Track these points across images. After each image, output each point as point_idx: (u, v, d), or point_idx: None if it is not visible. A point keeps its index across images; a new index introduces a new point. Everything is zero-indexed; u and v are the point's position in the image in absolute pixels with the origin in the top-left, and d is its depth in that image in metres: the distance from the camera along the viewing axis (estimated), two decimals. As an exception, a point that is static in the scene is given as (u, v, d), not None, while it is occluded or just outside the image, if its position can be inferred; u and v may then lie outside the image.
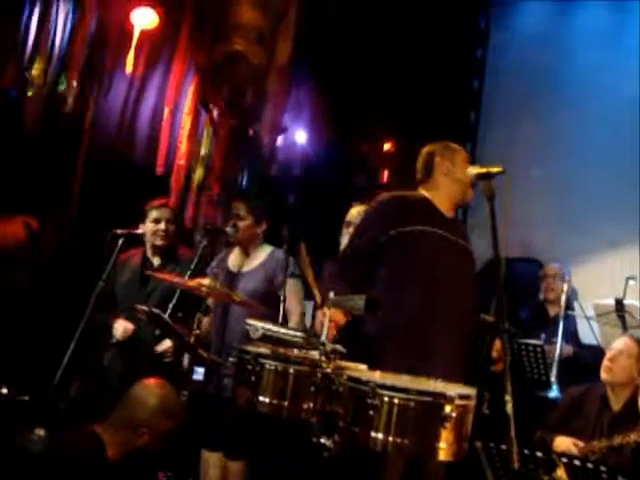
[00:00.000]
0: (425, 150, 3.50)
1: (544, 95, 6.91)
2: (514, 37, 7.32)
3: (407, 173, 6.94)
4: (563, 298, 5.21)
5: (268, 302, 4.04)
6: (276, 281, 4.20)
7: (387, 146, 7.35)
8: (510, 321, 2.68)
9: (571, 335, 5.23)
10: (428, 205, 3.34)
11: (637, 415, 3.88)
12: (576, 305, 5.23)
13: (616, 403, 4.04)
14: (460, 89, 7.23)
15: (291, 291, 4.16)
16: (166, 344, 4.22)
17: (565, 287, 5.28)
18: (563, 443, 3.91)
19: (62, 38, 5.91)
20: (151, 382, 3.20)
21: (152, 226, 4.45)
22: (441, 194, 3.36)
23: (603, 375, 4.07)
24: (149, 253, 4.52)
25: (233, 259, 4.42)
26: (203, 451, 4.20)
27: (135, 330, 4.29)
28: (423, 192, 3.42)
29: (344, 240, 4.15)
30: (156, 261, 4.50)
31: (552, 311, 5.62)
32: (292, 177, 7.01)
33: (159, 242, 4.45)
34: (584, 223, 6.41)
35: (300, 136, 6.82)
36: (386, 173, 7.44)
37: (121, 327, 4.28)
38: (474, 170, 3.10)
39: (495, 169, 2.93)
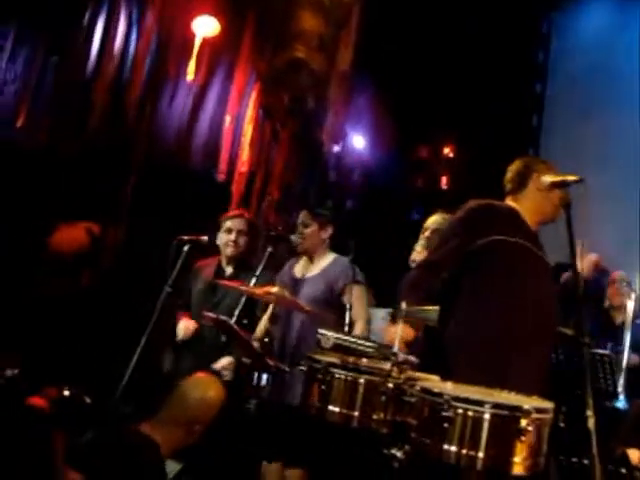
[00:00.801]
0: (520, 162, 3.35)
1: (609, 100, 6.78)
2: (577, 41, 7.20)
3: (467, 178, 6.94)
4: (630, 306, 5.09)
5: (329, 308, 4.04)
6: (336, 287, 4.17)
7: (447, 150, 7.28)
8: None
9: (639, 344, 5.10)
10: (516, 217, 3.24)
11: None
12: (646, 313, 5.11)
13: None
14: (522, 93, 7.13)
15: (355, 297, 4.13)
16: (223, 361, 4.23)
17: (633, 295, 5.16)
18: (635, 456, 3.80)
19: (125, 48, 6.01)
20: (198, 378, 3.24)
21: (224, 236, 4.51)
22: (530, 208, 3.25)
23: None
24: (223, 262, 4.57)
25: (299, 266, 4.42)
26: (263, 463, 4.18)
27: (198, 330, 4.32)
28: (511, 203, 3.31)
29: (416, 246, 4.07)
30: (229, 270, 4.54)
31: (618, 319, 5.50)
32: (351, 182, 7.00)
33: (229, 252, 4.49)
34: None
35: (360, 141, 6.80)
36: (445, 178, 7.35)
37: (183, 326, 4.33)
38: (549, 178, 3.02)
39: (571, 178, 2.86)
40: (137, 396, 4.57)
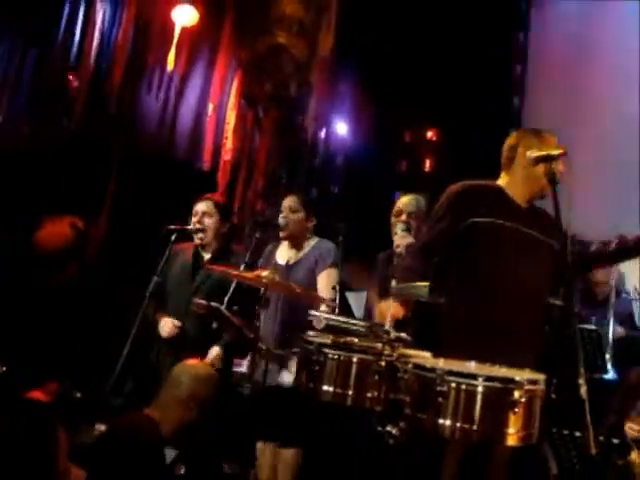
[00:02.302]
0: (511, 137, 3.34)
1: (592, 80, 6.79)
2: (556, 19, 7.20)
3: (450, 160, 6.96)
4: (612, 281, 5.13)
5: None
6: (317, 271, 4.22)
7: (430, 134, 7.29)
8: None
9: (626, 317, 5.16)
10: (503, 196, 3.24)
11: None
12: (630, 287, 5.15)
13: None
14: (503, 74, 7.14)
15: (322, 278, 4.18)
16: (213, 353, 4.18)
17: (614, 268, 5.21)
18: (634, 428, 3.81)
19: (105, 38, 5.98)
20: (188, 361, 3.43)
21: (193, 220, 4.41)
22: (518, 184, 3.25)
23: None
24: (200, 248, 4.46)
25: (282, 253, 4.41)
26: (258, 443, 4.20)
27: (182, 327, 4.26)
28: (500, 181, 3.31)
29: (397, 230, 4.08)
30: (206, 256, 4.43)
31: (600, 293, 5.53)
32: (336, 167, 7.00)
33: (198, 236, 4.40)
34: (632, 203, 6.30)
35: (343, 126, 6.80)
36: (428, 161, 7.37)
37: (167, 326, 4.24)
38: (534, 153, 3.03)
39: (555, 151, 2.88)
40: (127, 388, 4.58)
